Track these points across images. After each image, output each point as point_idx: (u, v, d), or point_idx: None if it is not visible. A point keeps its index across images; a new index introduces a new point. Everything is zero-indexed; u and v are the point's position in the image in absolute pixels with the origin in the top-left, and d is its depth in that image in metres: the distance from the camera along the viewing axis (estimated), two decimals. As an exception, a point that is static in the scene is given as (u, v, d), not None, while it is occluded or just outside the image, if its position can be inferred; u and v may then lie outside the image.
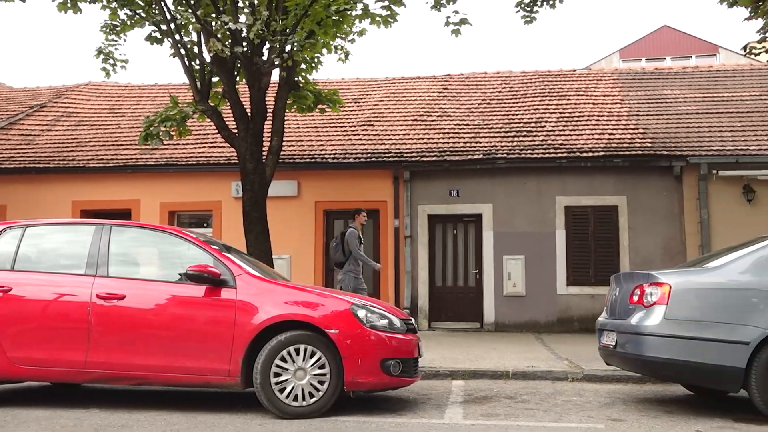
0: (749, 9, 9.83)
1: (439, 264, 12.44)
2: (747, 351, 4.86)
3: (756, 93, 13.94)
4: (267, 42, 9.25)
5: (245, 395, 5.63)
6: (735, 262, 5.30)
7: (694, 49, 25.15)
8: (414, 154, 12.42)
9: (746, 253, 5.35)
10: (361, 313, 5.19)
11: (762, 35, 10.02)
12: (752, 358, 4.86)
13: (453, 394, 6.17)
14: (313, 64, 10.87)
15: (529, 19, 10.00)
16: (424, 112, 14.14)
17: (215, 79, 10.28)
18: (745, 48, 10.89)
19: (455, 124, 13.49)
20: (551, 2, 9.78)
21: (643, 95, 14.23)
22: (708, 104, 13.64)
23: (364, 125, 13.82)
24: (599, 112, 13.51)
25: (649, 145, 12.05)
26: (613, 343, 5.58)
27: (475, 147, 12.52)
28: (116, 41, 10.57)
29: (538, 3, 9.78)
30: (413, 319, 5.82)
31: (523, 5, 9.88)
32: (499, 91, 14.86)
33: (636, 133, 12.53)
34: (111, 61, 10.63)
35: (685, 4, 60.68)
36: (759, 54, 10.68)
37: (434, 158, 12.27)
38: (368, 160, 12.41)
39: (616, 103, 13.88)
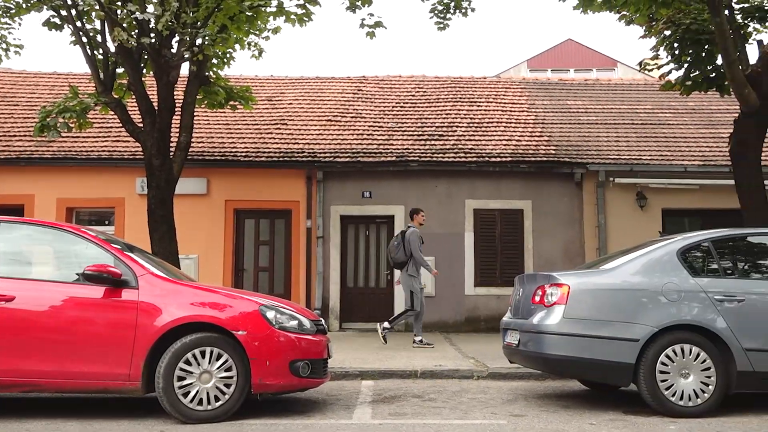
0: (644, 28, 10.52)
1: (351, 265, 12.47)
2: (636, 348, 5.19)
3: (649, 107, 14.92)
4: (176, 34, 8.94)
5: (147, 401, 5.41)
6: (627, 264, 5.64)
7: (595, 63, 26.61)
8: (327, 155, 12.39)
9: (637, 255, 5.71)
10: (270, 314, 5.12)
11: (654, 53, 10.72)
12: (641, 354, 5.19)
13: (362, 394, 6.21)
14: (225, 60, 10.63)
15: (442, 25, 10.20)
16: (339, 112, 14.14)
17: (120, 70, 9.83)
18: (640, 64, 11.60)
19: (369, 126, 13.58)
20: (463, 10, 10.04)
21: (548, 104, 14.89)
22: (607, 115, 14.47)
23: (277, 124, 13.64)
24: (507, 119, 14.01)
25: (553, 152, 12.62)
26: (516, 342, 5.80)
27: (388, 149, 12.65)
28: (10, 25, 9.90)
29: (451, 10, 10.01)
30: (323, 320, 5.80)
31: (436, 11, 10.07)
32: (413, 95, 15.09)
33: (541, 141, 13.09)
34: (4, 45, 9.95)
35: (588, 20, 64.03)
36: (652, 70, 11.41)
37: (348, 159, 12.29)
38: (281, 159, 12.26)
39: (523, 111, 14.44)
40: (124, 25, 8.80)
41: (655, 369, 5.15)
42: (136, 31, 8.81)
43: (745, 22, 9.98)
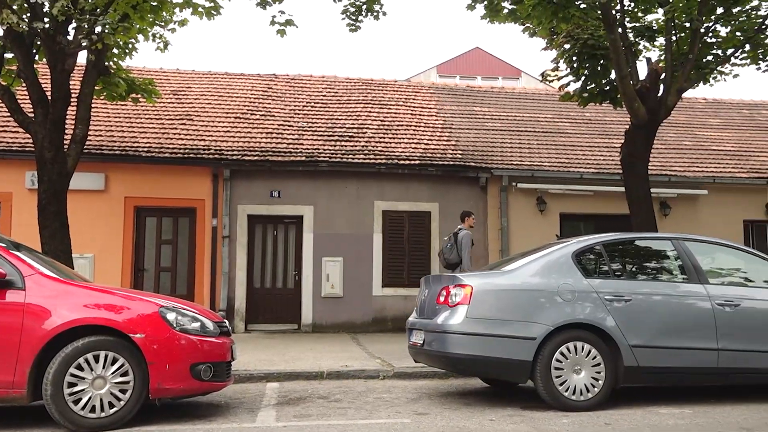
0: (546, 40, 11.03)
1: (258, 265, 12.25)
2: (534, 345, 5.42)
3: (550, 116, 15.64)
4: (73, 20, 8.44)
5: (34, 409, 5.07)
6: (527, 266, 5.88)
7: (501, 72, 27.61)
8: (235, 153, 12.12)
9: (536, 257, 5.97)
10: (171, 316, 4.95)
11: (555, 64, 11.27)
12: (538, 352, 5.42)
13: (267, 396, 6.12)
14: (127, 50, 10.15)
15: (354, 27, 10.24)
16: (248, 110, 13.86)
17: (9, 55, 9.16)
18: (542, 75, 12.16)
19: (279, 125, 13.41)
20: (375, 13, 10.12)
21: (456, 110, 15.28)
22: (511, 123, 15.04)
23: (182, 119, 13.19)
24: (416, 122, 14.25)
25: (460, 156, 12.96)
26: (421, 342, 5.91)
27: (298, 149, 12.54)
28: None
29: (363, 13, 10.07)
30: (227, 322, 5.67)
31: (348, 13, 10.10)
32: (324, 95, 15.05)
33: (448, 145, 13.41)
34: None
35: (495, 30, 66.32)
36: (552, 81, 11.98)
37: (256, 158, 12.08)
38: (186, 155, 11.86)
39: (431, 116, 14.74)
40: (14, 7, 8.19)
41: (550, 366, 5.40)
42: (28, 14, 8.24)
43: (636, 40, 10.71)
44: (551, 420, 5.08)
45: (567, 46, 10.66)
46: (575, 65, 10.81)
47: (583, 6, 9.26)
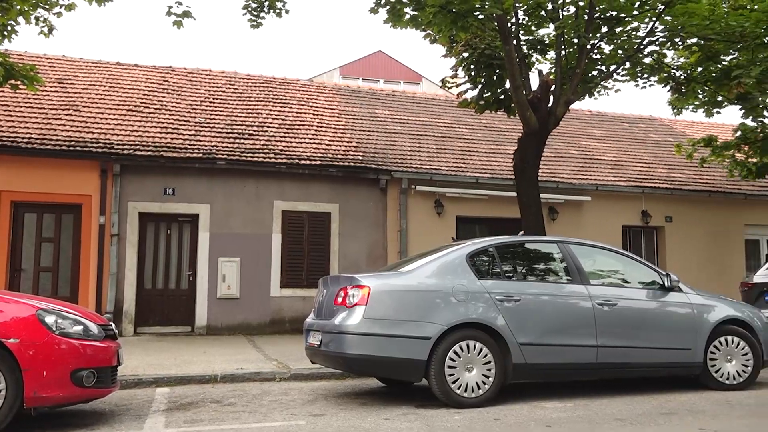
0: (445, 48, 11.34)
1: (150, 265, 11.72)
2: (428, 345, 5.54)
3: (448, 121, 16.09)
4: (-57, -3, 7.73)
5: None
6: (423, 267, 6.01)
7: (402, 76, 28.07)
8: (126, 147, 11.53)
9: (432, 259, 6.12)
10: (50, 320, 4.63)
11: (454, 72, 11.61)
12: (432, 351, 5.55)
13: (156, 402, 5.87)
14: (6, 33, 9.42)
15: (255, 23, 10.05)
16: (141, 103, 13.25)
17: None
18: (441, 81, 12.50)
19: (175, 120, 12.91)
20: (277, 11, 9.98)
21: (357, 111, 15.37)
22: (411, 126, 15.32)
23: (68, 109, 12.39)
24: (318, 123, 14.20)
25: (361, 158, 13.04)
26: (318, 342, 5.89)
27: (194, 145, 12.13)
28: None
29: (265, 9, 9.90)
30: (114, 325, 5.38)
31: (250, 9, 9.90)
32: (223, 91, 14.66)
33: (350, 146, 13.46)
34: None
35: (398, 34, 67.42)
36: (451, 87, 12.34)
37: (149, 153, 11.55)
38: (71, 148, 11.15)
39: (333, 116, 14.74)
40: None
41: (444, 364, 5.54)
42: None
43: (530, 52, 11.25)
44: (444, 417, 5.22)
45: (465, 55, 11.02)
46: (473, 73, 11.19)
47: (481, 17, 9.59)
